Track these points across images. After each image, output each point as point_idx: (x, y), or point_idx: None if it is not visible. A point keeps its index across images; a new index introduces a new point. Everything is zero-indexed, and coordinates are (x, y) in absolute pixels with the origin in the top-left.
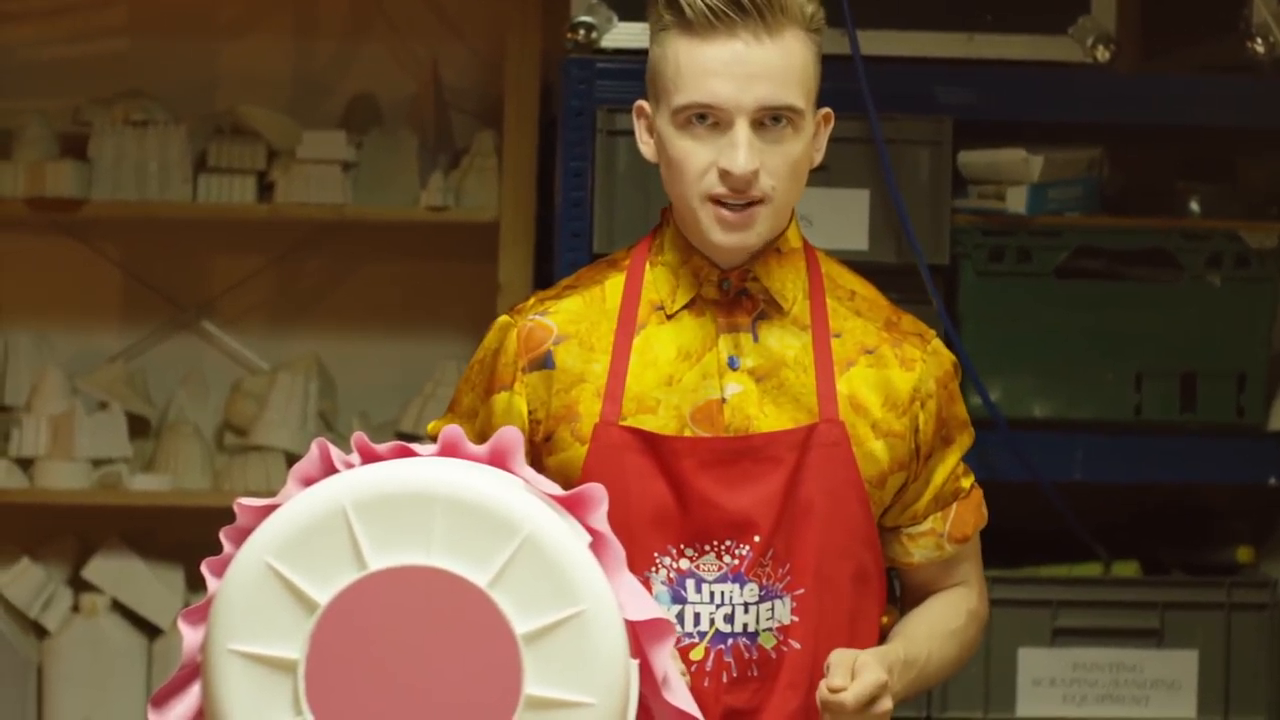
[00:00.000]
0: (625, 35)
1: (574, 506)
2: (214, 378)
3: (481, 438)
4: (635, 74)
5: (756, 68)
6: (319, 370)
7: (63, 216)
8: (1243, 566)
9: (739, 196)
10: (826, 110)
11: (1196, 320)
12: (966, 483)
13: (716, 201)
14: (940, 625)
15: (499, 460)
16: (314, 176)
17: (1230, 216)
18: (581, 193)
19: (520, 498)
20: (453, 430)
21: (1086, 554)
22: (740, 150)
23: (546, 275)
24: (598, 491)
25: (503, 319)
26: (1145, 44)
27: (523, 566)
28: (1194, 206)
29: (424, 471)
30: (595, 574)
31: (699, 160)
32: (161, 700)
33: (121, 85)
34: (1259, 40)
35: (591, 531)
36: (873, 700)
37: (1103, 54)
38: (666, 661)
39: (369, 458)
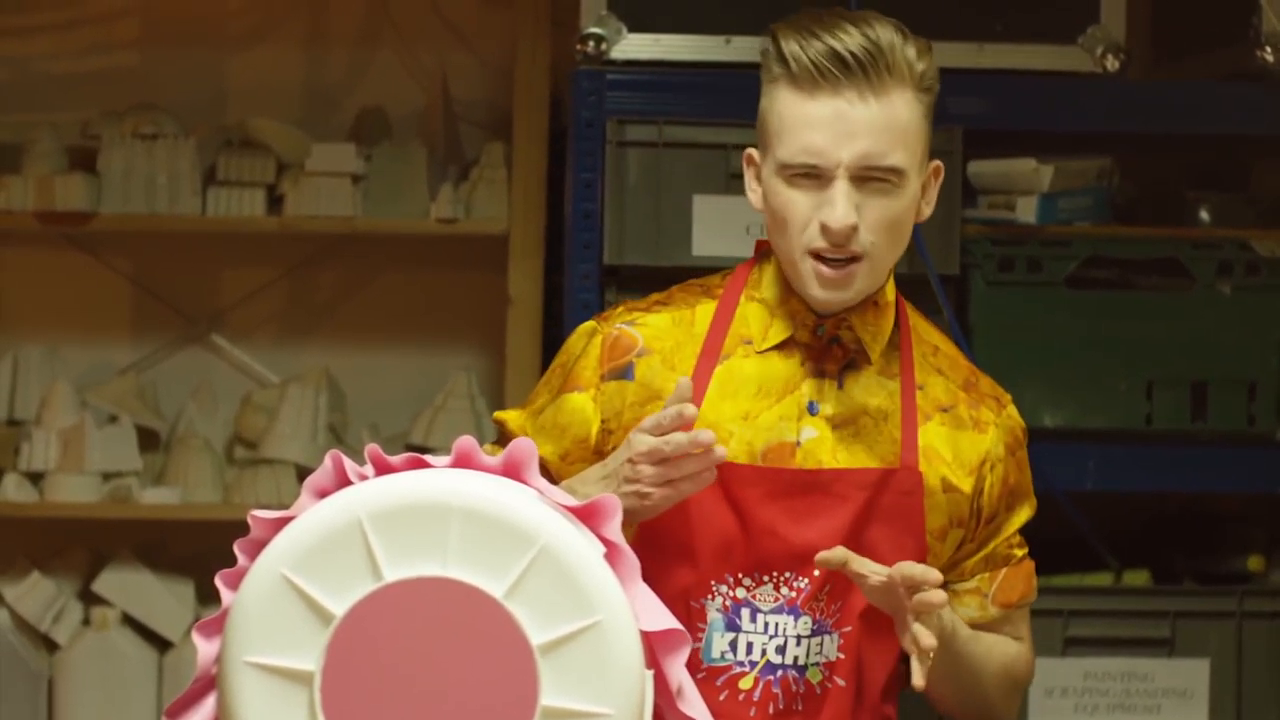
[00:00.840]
0: (635, 46)
1: (588, 517)
2: (224, 391)
3: (540, 432)
4: (645, 85)
5: (858, 125)
6: (329, 383)
7: (72, 230)
8: (1254, 575)
9: (838, 251)
10: (937, 164)
11: (1207, 329)
12: (1020, 552)
13: (817, 256)
14: (985, 640)
15: (513, 471)
16: (324, 189)
17: (1240, 225)
18: (592, 204)
19: (535, 508)
20: (466, 441)
21: (1097, 563)
22: (838, 206)
23: (557, 286)
24: (611, 502)
25: (588, 325)
26: (1155, 53)
27: (538, 577)
28: (1204, 215)
29: (439, 482)
30: (610, 584)
31: (801, 213)
32: (177, 712)
33: (131, 98)
34: (1268, 49)
35: (605, 542)
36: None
37: (1112, 63)
38: (681, 672)
39: (383, 469)
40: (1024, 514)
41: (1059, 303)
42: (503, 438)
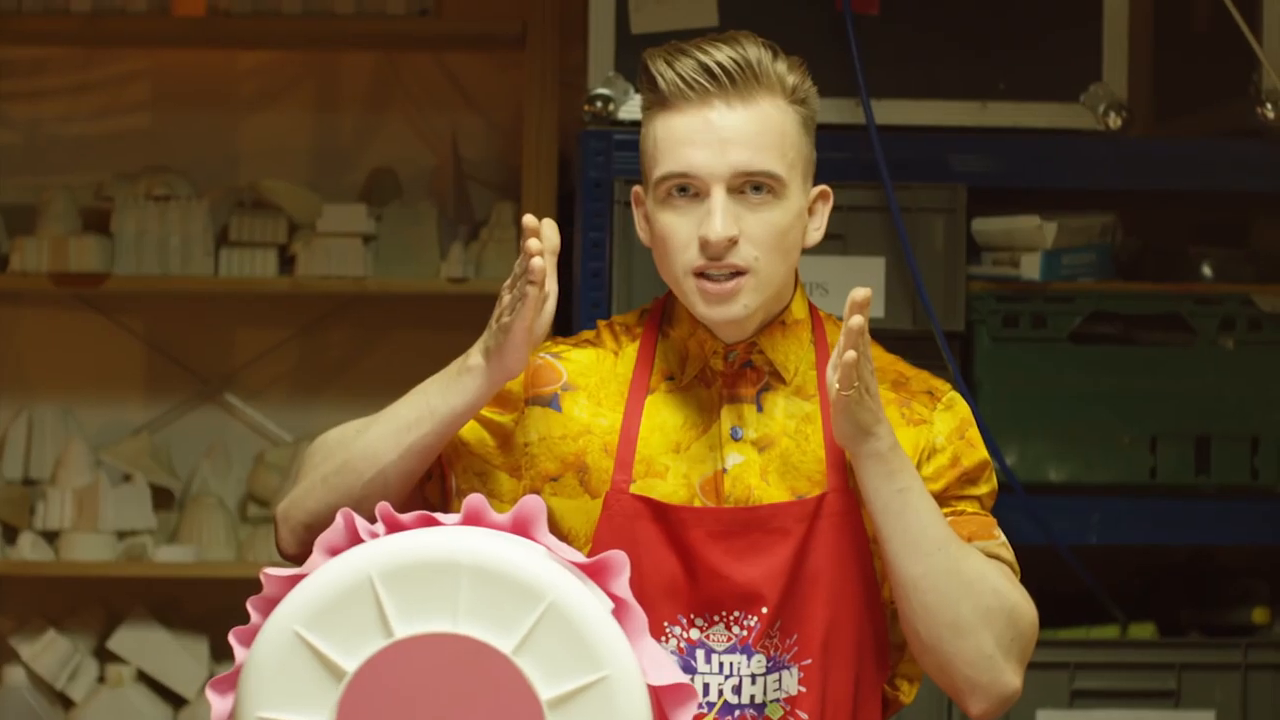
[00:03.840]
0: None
1: (596, 573)
2: (237, 450)
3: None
4: None
5: (730, 133)
6: None
7: (86, 291)
8: (1259, 627)
9: (719, 267)
10: (823, 188)
11: (1210, 384)
12: (970, 508)
13: (701, 275)
14: (964, 544)
15: (522, 529)
16: (335, 249)
17: (1242, 280)
18: (600, 263)
19: (544, 565)
20: (476, 499)
21: (1103, 616)
22: (715, 216)
23: None
24: (620, 558)
25: None
26: (1157, 110)
27: (547, 633)
28: (1206, 271)
29: (449, 540)
30: (618, 640)
31: (681, 233)
32: None
33: (144, 161)
34: (1269, 105)
35: (614, 598)
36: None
37: (1114, 121)
38: None
39: (394, 527)
40: (984, 488)
41: (1063, 358)
42: None
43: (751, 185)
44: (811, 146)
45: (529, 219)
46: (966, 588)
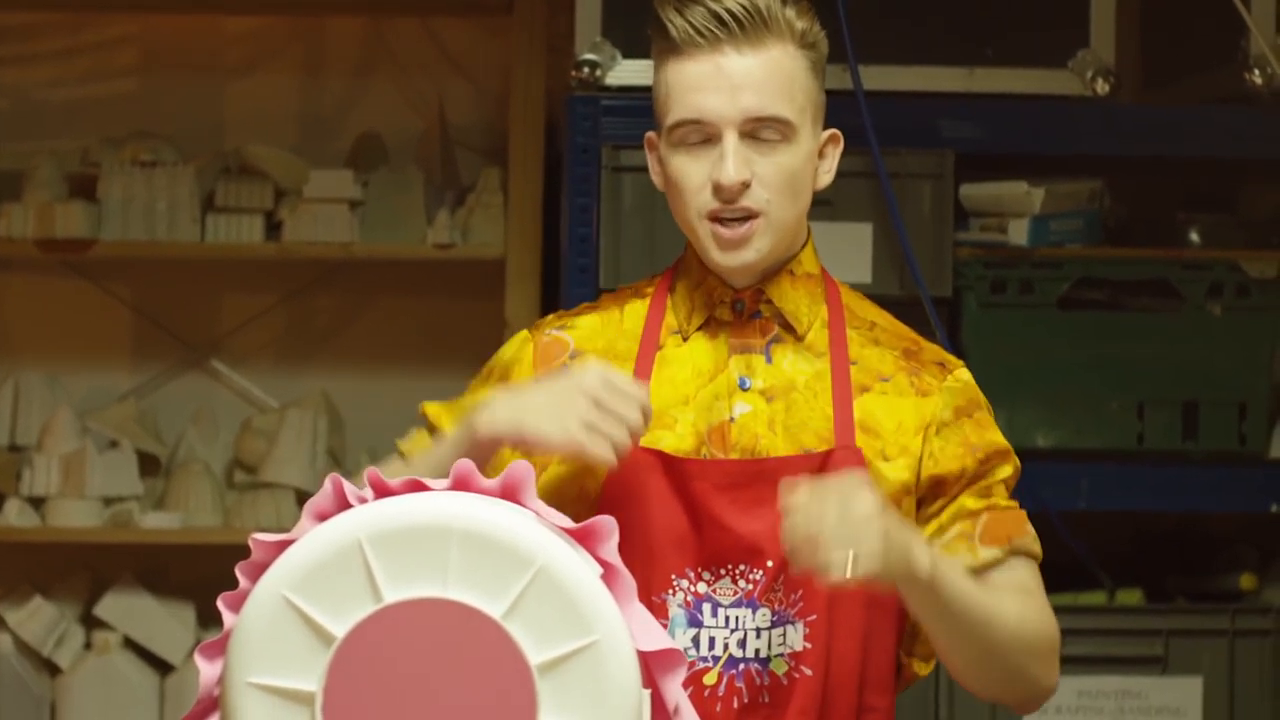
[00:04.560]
0: (629, 72)
1: (585, 538)
2: (224, 416)
3: (458, 411)
4: (640, 110)
5: (740, 78)
6: (328, 407)
7: (73, 257)
8: (1246, 594)
9: (732, 210)
10: (834, 131)
11: (1198, 350)
12: (1004, 502)
13: (715, 220)
14: (993, 589)
15: (511, 493)
16: (321, 215)
17: (1230, 246)
18: (587, 229)
19: (533, 530)
20: (465, 464)
21: (1091, 582)
22: (728, 160)
23: (553, 310)
24: (608, 523)
25: (522, 333)
26: (1144, 76)
27: (536, 598)
28: (1194, 237)
29: (438, 505)
30: (608, 605)
31: (694, 177)
32: None
33: (129, 126)
34: (1257, 72)
35: (602, 563)
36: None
37: (1102, 87)
38: (678, 691)
39: (382, 492)
40: (1003, 471)
41: (1051, 324)
42: (428, 427)
43: (762, 128)
44: (821, 90)
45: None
46: (1004, 655)
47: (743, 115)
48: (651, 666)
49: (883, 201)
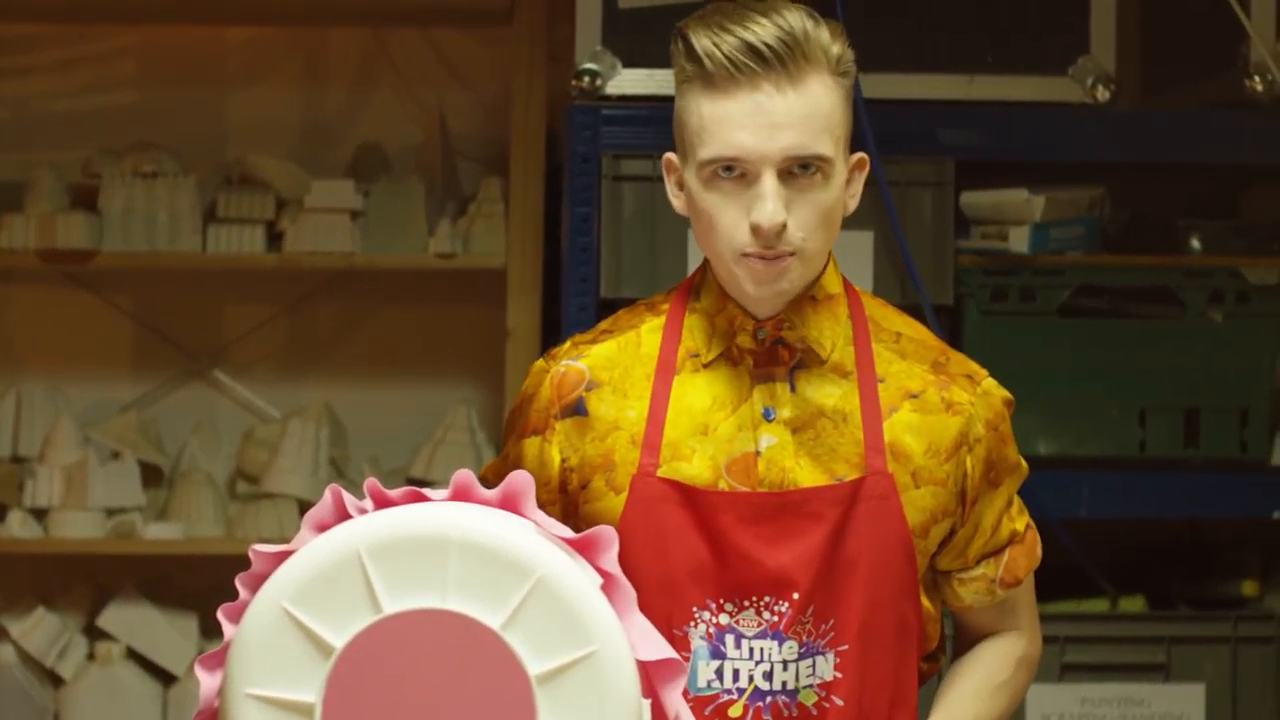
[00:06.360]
0: (630, 82)
1: (585, 549)
2: (226, 426)
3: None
4: (640, 120)
5: (780, 117)
6: (330, 417)
7: (74, 268)
8: (1248, 600)
9: (769, 252)
10: (860, 155)
11: (1199, 356)
12: (1021, 524)
13: (749, 258)
14: (987, 680)
15: (510, 504)
16: (323, 225)
17: (1231, 253)
18: (588, 238)
19: (532, 540)
20: (464, 475)
21: (1093, 590)
22: (768, 202)
23: (555, 320)
24: (608, 534)
25: (538, 364)
26: (1145, 83)
27: (536, 608)
28: (1195, 243)
29: (437, 516)
30: (607, 615)
31: (728, 216)
32: None
33: (131, 137)
34: (1257, 78)
35: (602, 573)
36: None
37: (1102, 94)
38: (678, 701)
39: (382, 503)
40: (1012, 485)
41: (1052, 331)
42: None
43: (800, 165)
44: (851, 116)
45: None
46: (1007, 714)
47: (782, 154)
48: (651, 676)
49: (883, 210)
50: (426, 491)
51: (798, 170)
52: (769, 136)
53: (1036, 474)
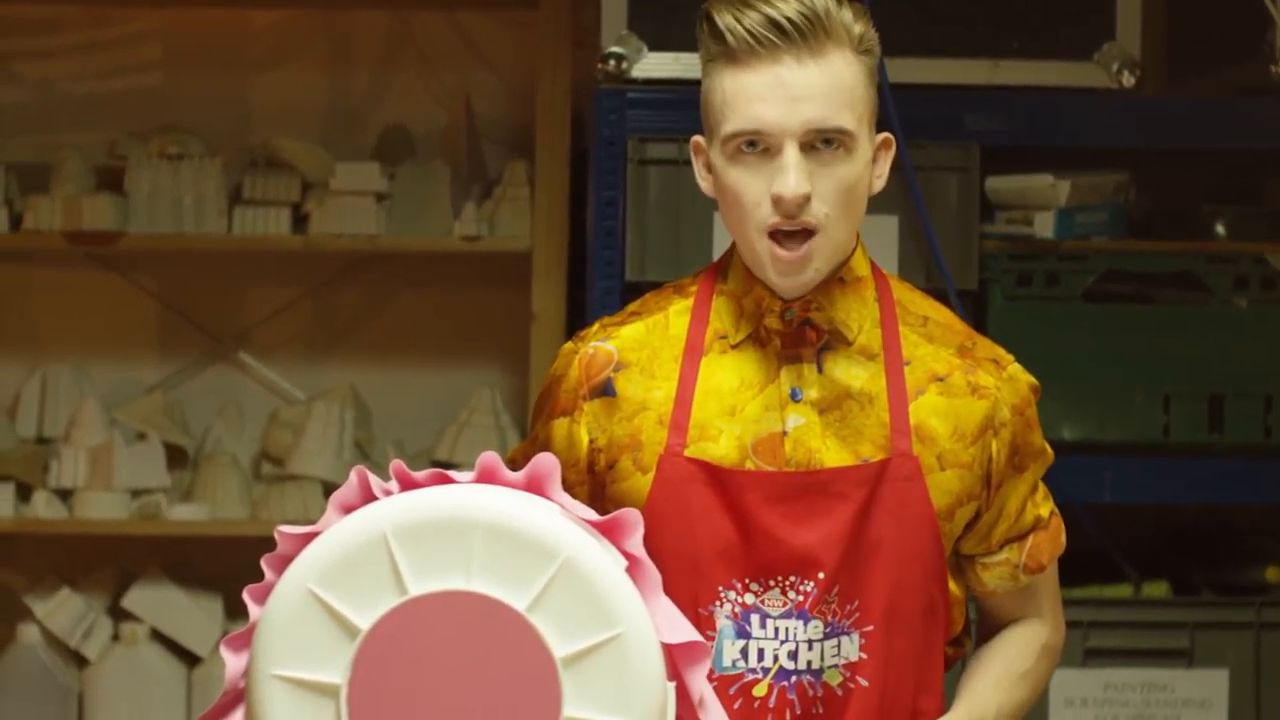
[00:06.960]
0: (655, 65)
1: (610, 531)
2: (251, 408)
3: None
4: (666, 104)
5: (801, 90)
6: (355, 400)
7: (100, 249)
8: (1272, 586)
9: (792, 223)
10: (886, 135)
11: (1224, 342)
12: (1045, 510)
13: (773, 237)
14: (1009, 669)
15: (536, 486)
16: (348, 208)
17: (1256, 239)
18: (613, 221)
19: (558, 523)
20: (490, 457)
21: (1117, 575)
22: (790, 173)
23: (580, 303)
24: (633, 516)
25: (567, 346)
26: (1170, 69)
27: (561, 591)
28: (1220, 229)
29: (463, 497)
30: (632, 597)
31: (752, 190)
32: None
33: (156, 119)
34: None
35: (627, 556)
36: None
37: (1128, 79)
38: (703, 683)
39: (407, 485)
40: (1037, 471)
41: (1076, 317)
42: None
43: (822, 139)
44: (875, 94)
45: None
46: (1029, 703)
47: (804, 127)
48: (676, 659)
49: (908, 194)
50: (452, 474)
51: (820, 144)
52: (790, 109)
53: (1060, 459)
